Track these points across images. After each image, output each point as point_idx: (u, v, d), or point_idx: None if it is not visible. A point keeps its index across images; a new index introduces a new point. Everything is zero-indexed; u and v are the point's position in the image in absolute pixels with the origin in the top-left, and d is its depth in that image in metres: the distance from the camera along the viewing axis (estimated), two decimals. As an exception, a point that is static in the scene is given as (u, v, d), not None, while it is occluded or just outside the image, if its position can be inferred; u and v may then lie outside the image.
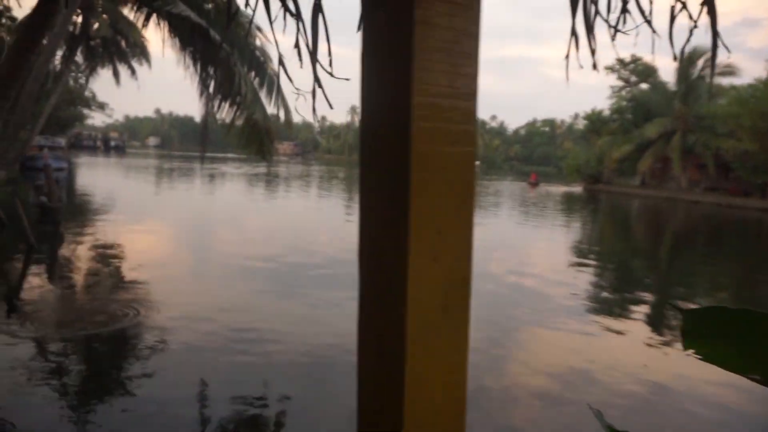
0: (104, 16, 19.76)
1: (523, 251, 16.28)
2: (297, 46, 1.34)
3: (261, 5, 1.49)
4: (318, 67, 1.51)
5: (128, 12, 17.24)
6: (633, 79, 53.00)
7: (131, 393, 5.30)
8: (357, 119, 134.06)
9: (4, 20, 29.70)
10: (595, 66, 1.86)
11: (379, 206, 0.48)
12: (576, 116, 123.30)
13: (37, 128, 19.88)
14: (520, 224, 23.66)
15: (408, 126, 0.44)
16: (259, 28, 10.27)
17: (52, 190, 15.56)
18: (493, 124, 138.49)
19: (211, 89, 8.89)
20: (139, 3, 9.34)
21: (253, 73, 9.23)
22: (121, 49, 22.40)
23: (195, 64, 8.91)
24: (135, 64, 23.48)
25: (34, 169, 27.66)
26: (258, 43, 10.18)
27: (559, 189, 49.67)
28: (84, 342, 6.78)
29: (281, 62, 1.41)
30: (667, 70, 64.29)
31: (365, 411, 0.56)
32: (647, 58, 49.78)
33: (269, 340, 6.95)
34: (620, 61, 50.93)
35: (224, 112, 9.06)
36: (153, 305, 8.14)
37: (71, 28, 16.20)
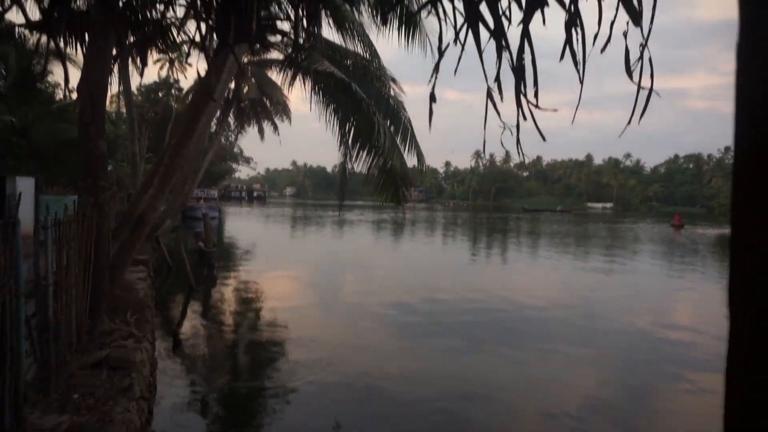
0: (253, 80, 22.04)
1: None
2: (498, 79, 1.31)
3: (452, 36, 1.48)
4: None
5: (274, 75, 19.15)
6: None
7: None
8: (482, 164, 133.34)
9: (174, 91, 34.54)
10: None
11: None
12: (727, 150, 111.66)
13: (197, 182, 22.48)
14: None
15: None
16: (393, 80, 10.73)
17: (209, 237, 17.35)
18: (627, 162, 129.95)
19: (350, 140, 9.35)
20: (287, 64, 10.24)
21: (388, 122, 9.57)
22: (266, 108, 24.78)
23: (336, 116, 9.46)
24: (277, 120, 25.76)
25: (194, 218, 31.12)
26: (392, 92, 10.62)
27: (710, 232, 44.28)
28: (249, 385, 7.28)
29: (489, 95, 1.37)
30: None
31: None
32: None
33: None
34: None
35: (362, 161, 9.43)
36: (296, 346, 8.59)
37: (225, 94, 18.29)
